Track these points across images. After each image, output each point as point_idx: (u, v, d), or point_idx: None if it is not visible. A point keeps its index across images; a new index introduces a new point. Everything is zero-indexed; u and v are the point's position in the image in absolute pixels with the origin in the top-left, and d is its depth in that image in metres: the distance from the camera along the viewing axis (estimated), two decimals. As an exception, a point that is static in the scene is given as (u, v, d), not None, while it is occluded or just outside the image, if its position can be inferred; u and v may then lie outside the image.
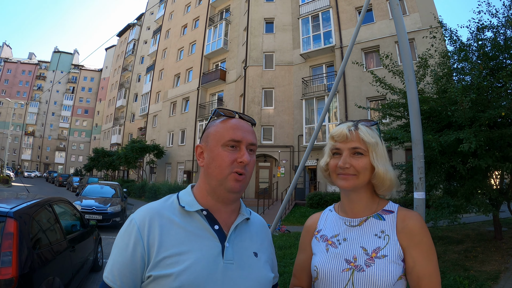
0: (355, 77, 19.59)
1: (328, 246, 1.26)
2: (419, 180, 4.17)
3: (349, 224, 1.27)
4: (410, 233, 1.16)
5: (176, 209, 1.11)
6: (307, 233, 1.40)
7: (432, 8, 18.33)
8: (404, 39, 4.43)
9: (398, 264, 1.13)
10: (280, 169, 22.25)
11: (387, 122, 8.07)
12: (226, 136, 1.10)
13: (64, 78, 77.81)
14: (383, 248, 1.16)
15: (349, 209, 1.29)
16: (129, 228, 1.05)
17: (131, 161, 30.41)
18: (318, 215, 1.43)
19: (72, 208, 5.48)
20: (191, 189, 1.19)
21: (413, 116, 4.27)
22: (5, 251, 2.82)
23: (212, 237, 1.08)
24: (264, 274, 1.15)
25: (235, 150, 1.10)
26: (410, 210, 1.24)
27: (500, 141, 6.18)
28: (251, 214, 1.26)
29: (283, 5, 25.26)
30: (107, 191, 13.65)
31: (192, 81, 31.85)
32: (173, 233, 1.05)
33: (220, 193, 1.11)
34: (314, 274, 1.25)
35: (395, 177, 1.25)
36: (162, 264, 1.00)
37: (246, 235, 1.18)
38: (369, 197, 1.27)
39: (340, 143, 1.25)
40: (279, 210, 5.51)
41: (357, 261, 1.16)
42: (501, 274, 5.88)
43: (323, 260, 1.22)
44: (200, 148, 1.17)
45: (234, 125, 1.13)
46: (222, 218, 1.13)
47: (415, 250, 1.14)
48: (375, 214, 1.25)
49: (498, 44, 6.58)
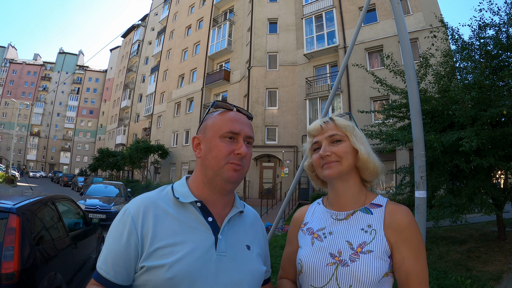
0: (359, 76, 19.53)
1: (314, 239, 1.24)
2: (420, 178, 4.16)
3: (335, 217, 1.25)
4: (398, 229, 1.14)
5: (171, 200, 1.12)
6: (294, 226, 1.40)
7: (435, 8, 18.25)
8: (405, 37, 4.42)
9: (384, 260, 1.11)
10: (284, 169, 22.21)
11: (391, 123, 8.03)
12: (224, 127, 1.11)
13: (69, 79, 78.20)
14: (369, 243, 1.14)
15: (336, 202, 1.27)
16: (123, 218, 1.05)
17: (136, 161, 30.48)
18: (306, 208, 1.42)
19: (75, 206, 5.51)
20: (185, 181, 1.20)
21: (414, 115, 4.26)
22: (7, 246, 2.85)
23: (206, 229, 1.08)
24: (256, 266, 1.16)
25: (232, 142, 1.11)
26: (399, 205, 1.22)
27: (503, 140, 6.15)
28: (244, 207, 1.27)
29: (286, 5, 25.26)
30: (111, 190, 13.67)
31: (196, 81, 31.92)
32: (167, 223, 1.05)
33: (217, 183, 1.12)
34: (299, 267, 1.23)
35: (378, 161, 1.25)
36: (156, 254, 1.00)
37: (239, 227, 1.19)
38: (356, 187, 1.26)
39: (317, 136, 1.27)
40: (280, 210, 5.50)
41: (341, 256, 1.14)
42: (503, 274, 5.85)
43: (308, 254, 1.21)
44: (197, 139, 1.18)
45: (233, 117, 1.14)
46: (216, 210, 1.14)
47: (403, 246, 1.12)
48: (363, 208, 1.23)
49: (500, 42, 6.55)
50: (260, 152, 22.87)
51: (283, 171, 22.16)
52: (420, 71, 7.56)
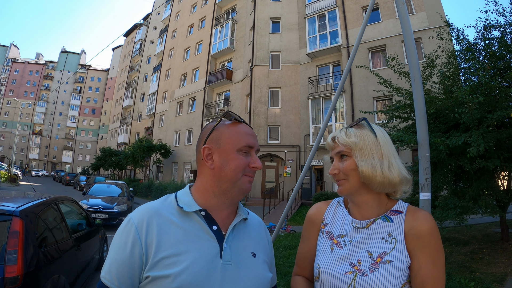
0: (362, 76, 19.46)
1: (334, 245, 1.23)
2: (425, 181, 4.14)
3: (356, 225, 1.23)
4: (417, 235, 1.12)
5: (175, 209, 1.12)
6: (311, 223, 1.36)
7: (439, 7, 18.20)
8: (410, 39, 4.40)
9: (403, 271, 1.10)
10: (286, 169, 22.22)
11: (394, 124, 7.98)
12: (242, 141, 1.13)
13: (71, 78, 78.41)
14: (389, 252, 1.12)
15: (356, 212, 1.26)
16: (127, 227, 1.05)
17: (138, 160, 30.54)
18: (324, 206, 1.38)
19: (78, 207, 5.51)
20: (189, 189, 1.19)
21: (419, 116, 4.23)
22: (11, 249, 2.84)
23: (210, 238, 1.08)
24: (262, 274, 1.15)
25: (247, 155, 1.14)
26: (419, 210, 1.19)
27: (508, 142, 6.12)
28: (248, 214, 1.26)
29: (289, 4, 25.21)
30: (113, 190, 13.72)
31: (199, 80, 31.90)
32: (171, 233, 1.05)
33: (232, 194, 1.14)
34: (316, 273, 1.23)
35: (396, 173, 1.18)
36: (160, 264, 1.00)
37: (244, 235, 1.19)
38: (374, 198, 1.22)
39: (331, 151, 1.29)
40: (284, 210, 5.49)
41: (361, 265, 1.13)
42: (507, 276, 5.82)
43: (327, 261, 1.20)
44: (209, 149, 1.15)
45: (248, 131, 1.17)
46: (220, 219, 1.14)
47: (421, 253, 1.10)
48: (383, 216, 1.20)
49: (506, 43, 6.51)
50: (263, 152, 22.85)
51: (285, 171, 22.17)
52: (425, 72, 7.51)
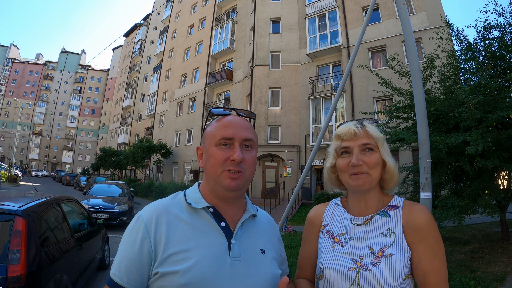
0: (362, 76, 19.46)
1: (335, 244, 1.24)
2: (426, 180, 4.16)
3: (355, 222, 1.25)
4: (415, 228, 1.14)
5: (183, 206, 1.13)
6: (311, 225, 1.37)
7: (439, 7, 18.22)
8: (411, 39, 4.41)
9: (405, 263, 1.11)
10: (286, 169, 22.21)
11: (394, 125, 7.98)
12: (218, 135, 1.11)
13: (71, 78, 78.42)
14: (390, 246, 1.14)
15: (357, 208, 1.27)
16: (137, 225, 1.06)
17: (139, 160, 30.54)
18: (323, 208, 1.39)
19: (80, 207, 5.53)
20: (198, 187, 1.20)
21: (419, 116, 4.25)
22: (13, 248, 2.86)
23: (219, 234, 1.09)
24: (271, 270, 1.15)
25: (228, 148, 1.10)
26: (416, 203, 1.21)
27: (508, 142, 6.12)
28: (257, 211, 1.26)
29: (289, 4, 25.22)
30: (114, 190, 13.74)
31: (199, 81, 31.92)
32: (180, 229, 1.06)
33: (218, 191, 1.12)
34: (319, 272, 1.23)
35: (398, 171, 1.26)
36: (169, 260, 1.01)
37: (253, 231, 1.19)
38: (378, 195, 1.26)
39: (348, 141, 1.23)
40: (285, 210, 5.50)
41: (363, 261, 1.14)
42: (507, 275, 5.82)
43: (330, 259, 1.21)
44: (200, 149, 1.19)
45: (226, 122, 1.13)
46: (228, 215, 1.14)
47: (420, 245, 1.12)
48: (380, 212, 1.22)
49: (505, 44, 6.52)
50: (263, 152, 22.87)
51: (286, 171, 22.16)
52: (425, 72, 7.52)
